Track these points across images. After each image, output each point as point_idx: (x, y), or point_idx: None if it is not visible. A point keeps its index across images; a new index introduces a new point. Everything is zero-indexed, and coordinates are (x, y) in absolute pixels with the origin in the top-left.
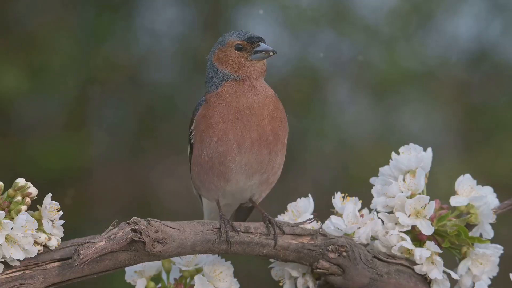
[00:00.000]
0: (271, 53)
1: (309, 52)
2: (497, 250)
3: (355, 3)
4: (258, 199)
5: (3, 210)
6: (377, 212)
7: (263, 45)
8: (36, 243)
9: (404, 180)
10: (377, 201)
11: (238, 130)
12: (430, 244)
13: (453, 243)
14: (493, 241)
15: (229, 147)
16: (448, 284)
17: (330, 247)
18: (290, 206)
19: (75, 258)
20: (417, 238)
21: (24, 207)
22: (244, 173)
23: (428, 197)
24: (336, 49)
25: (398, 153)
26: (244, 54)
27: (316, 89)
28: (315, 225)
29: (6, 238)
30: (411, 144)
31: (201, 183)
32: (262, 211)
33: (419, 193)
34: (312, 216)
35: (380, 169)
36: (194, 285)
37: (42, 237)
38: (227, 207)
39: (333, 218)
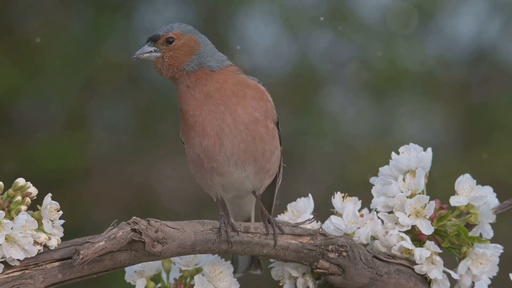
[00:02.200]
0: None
1: (308, 52)
2: (497, 250)
3: (354, 3)
4: (260, 189)
5: (3, 210)
6: (377, 212)
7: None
8: (36, 243)
9: (404, 180)
10: (377, 201)
11: (214, 120)
12: (430, 244)
13: (453, 243)
14: (493, 241)
15: (211, 140)
16: (448, 284)
17: (330, 247)
18: (290, 206)
19: (75, 258)
20: (417, 238)
21: (24, 207)
22: (234, 164)
23: (428, 197)
24: (335, 49)
25: (398, 153)
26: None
27: (315, 89)
28: (315, 225)
29: (6, 238)
30: (411, 144)
31: (199, 180)
32: (263, 209)
33: (419, 193)
34: (312, 216)
35: (380, 169)
36: (194, 285)
37: (42, 237)
38: (240, 199)
39: (333, 218)
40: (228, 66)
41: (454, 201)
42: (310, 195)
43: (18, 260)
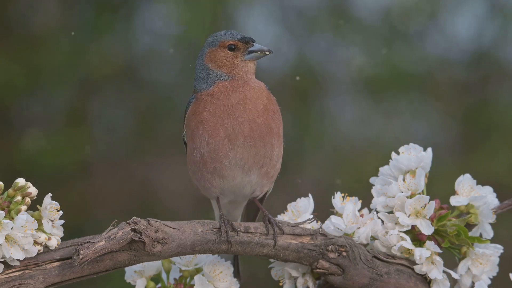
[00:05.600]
0: (267, 52)
1: (308, 53)
2: (497, 250)
3: (354, 4)
4: (259, 195)
5: (3, 210)
6: (377, 212)
7: (257, 45)
8: (36, 243)
9: (404, 180)
10: (377, 201)
11: (229, 126)
12: (430, 244)
13: (453, 243)
14: (493, 241)
15: (220, 142)
16: (448, 284)
17: (330, 247)
18: (290, 206)
19: (75, 258)
20: (417, 238)
21: (24, 207)
22: (240, 168)
23: (428, 197)
24: (335, 50)
25: (398, 153)
26: (238, 54)
27: (315, 89)
28: (315, 225)
29: (6, 238)
30: (411, 144)
31: (197, 181)
32: (263, 209)
33: (419, 193)
34: (312, 216)
35: (380, 169)
36: (194, 285)
37: (42, 237)
38: (232, 204)
39: (333, 218)
40: (260, 83)
41: (454, 201)
42: (310, 195)
43: (18, 260)
